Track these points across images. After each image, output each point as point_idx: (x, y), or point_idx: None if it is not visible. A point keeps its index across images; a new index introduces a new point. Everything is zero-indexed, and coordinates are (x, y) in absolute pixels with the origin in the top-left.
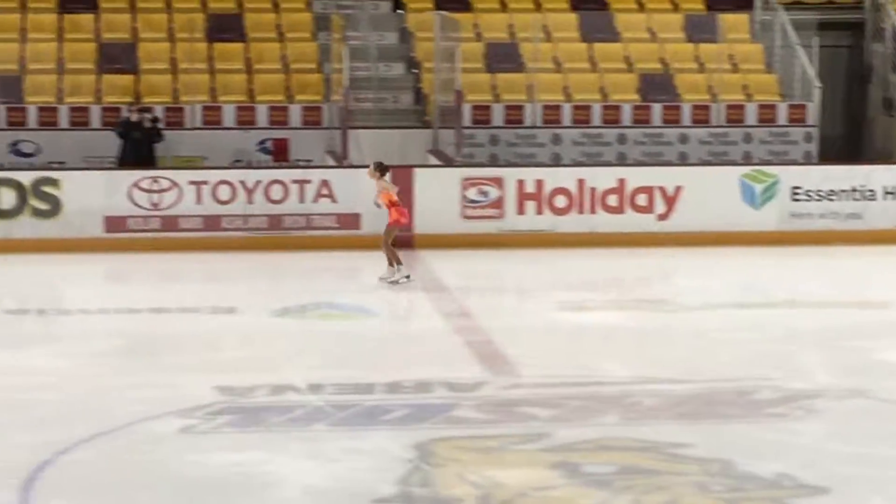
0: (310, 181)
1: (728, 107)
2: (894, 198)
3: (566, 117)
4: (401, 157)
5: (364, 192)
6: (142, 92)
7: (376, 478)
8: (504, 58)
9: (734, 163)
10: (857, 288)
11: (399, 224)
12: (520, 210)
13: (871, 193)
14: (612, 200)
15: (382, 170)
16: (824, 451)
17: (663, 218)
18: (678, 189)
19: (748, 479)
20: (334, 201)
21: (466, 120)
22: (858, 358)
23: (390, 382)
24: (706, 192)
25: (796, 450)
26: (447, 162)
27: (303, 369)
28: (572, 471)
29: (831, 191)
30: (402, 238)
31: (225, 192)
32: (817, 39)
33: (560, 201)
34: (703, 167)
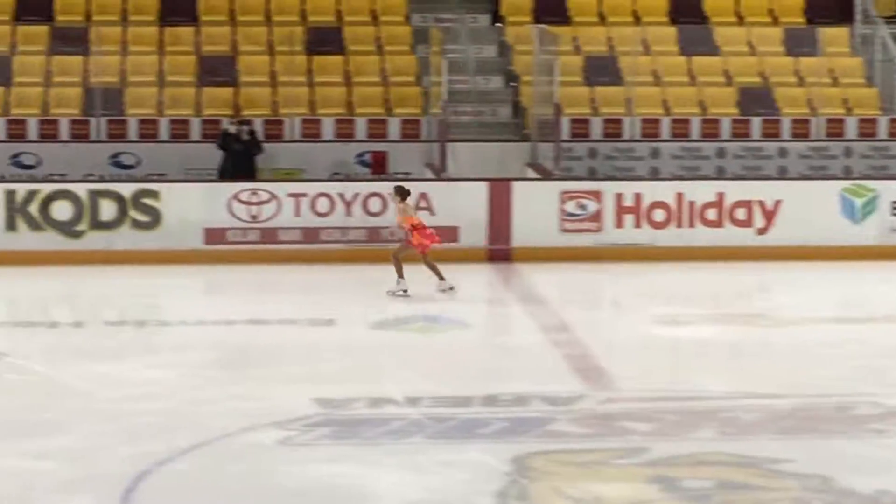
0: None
1: (828, 121)
2: None
3: (665, 131)
4: (499, 171)
5: (462, 205)
6: (241, 105)
7: (473, 491)
8: (603, 71)
9: (834, 177)
10: None
11: (422, 248)
12: (618, 224)
13: None
14: (711, 214)
15: (402, 194)
16: None
17: (762, 232)
18: (777, 203)
19: (847, 495)
20: (432, 214)
21: (565, 133)
22: None
23: (488, 396)
24: (806, 206)
25: None
26: (545, 175)
27: (400, 382)
28: (670, 485)
29: None
30: (500, 251)
31: (324, 205)
32: None
33: (658, 215)
34: (803, 181)
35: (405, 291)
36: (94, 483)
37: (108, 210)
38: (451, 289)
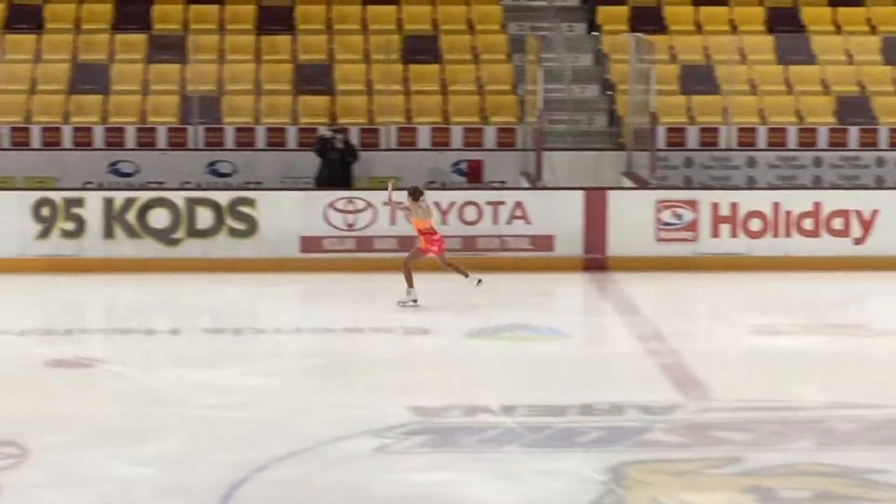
0: (504, 203)
1: None
2: None
3: (761, 140)
4: (595, 179)
5: (558, 214)
6: (337, 113)
7: (569, 500)
8: (699, 80)
9: None
10: None
11: (426, 254)
12: (714, 233)
13: None
14: (808, 224)
15: (415, 195)
16: None
17: (859, 242)
18: (875, 213)
19: None
20: (528, 223)
21: (661, 142)
22: None
23: (583, 405)
24: None
25: None
26: (641, 184)
27: (496, 391)
28: (766, 496)
29: None
30: (596, 261)
31: None
32: None
33: (755, 224)
34: None
35: (415, 301)
36: (190, 490)
37: (204, 218)
38: (480, 281)
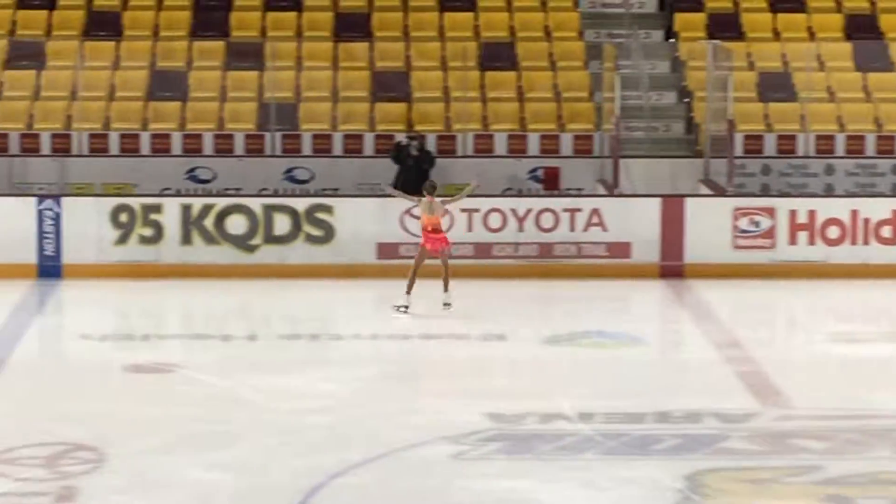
0: (580, 210)
1: None
2: None
3: (839, 147)
4: (672, 187)
5: (635, 221)
6: (414, 120)
7: None
8: (777, 87)
9: None
10: None
11: (433, 251)
12: (792, 240)
13: None
14: (886, 232)
15: (432, 190)
16: None
17: None
18: None
19: None
20: (605, 230)
21: (738, 149)
22: None
23: (660, 412)
24: None
25: None
26: (718, 191)
27: (572, 397)
28: None
29: None
30: (673, 268)
31: (496, 220)
32: None
33: (833, 232)
34: None
35: (406, 308)
36: (268, 494)
37: (281, 224)
38: (448, 305)
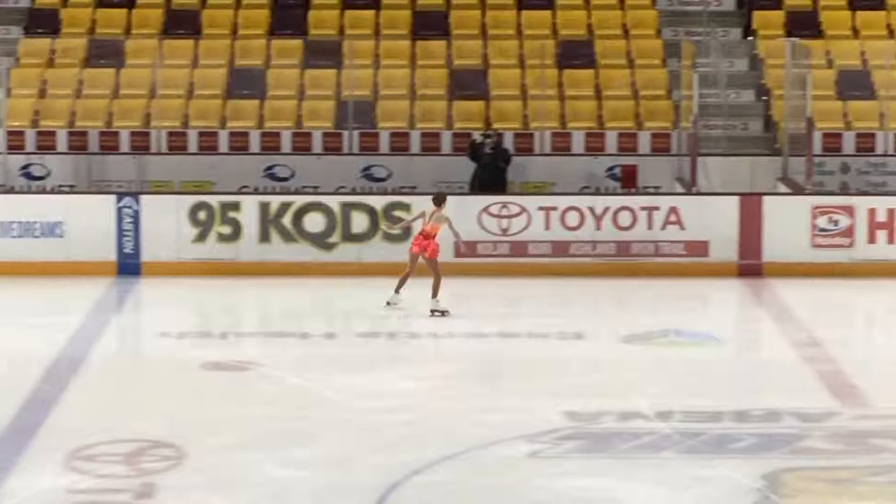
0: (658, 208)
1: None
2: None
3: None
4: (749, 185)
5: (713, 219)
6: (492, 118)
7: None
8: (855, 85)
9: None
10: None
11: (420, 254)
12: (871, 239)
13: None
14: None
15: (441, 200)
16: None
17: None
18: None
19: None
20: (682, 228)
21: (817, 147)
22: None
23: (738, 411)
24: None
25: None
26: (797, 190)
27: (650, 396)
28: None
29: None
30: (751, 266)
31: (573, 218)
32: None
33: None
34: None
35: (387, 304)
36: (346, 492)
37: (359, 222)
38: (434, 313)
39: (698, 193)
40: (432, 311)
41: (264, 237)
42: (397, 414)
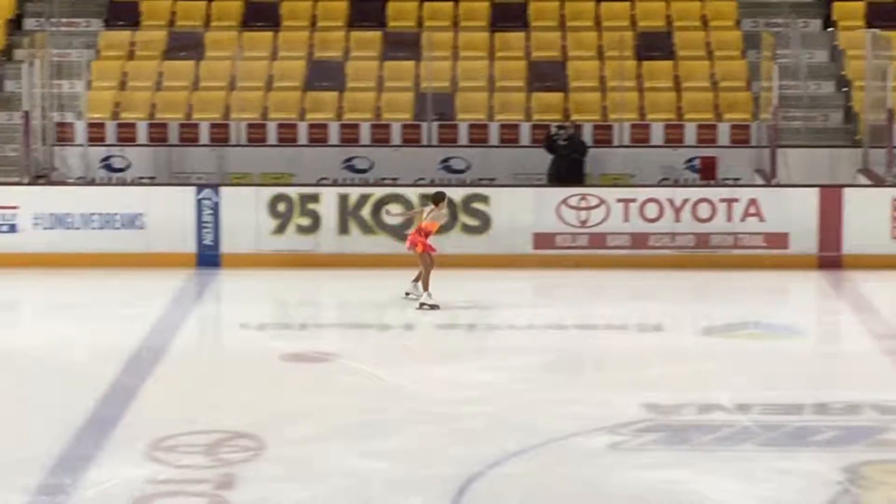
0: (737, 200)
1: None
2: None
3: None
4: (830, 177)
5: (793, 211)
6: (570, 110)
7: (805, 500)
8: None
9: None
10: None
11: (416, 248)
12: None
13: None
14: None
15: (439, 199)
16: None
17: None
18: None
19: None
20: (762, 220)
21: None
22: None
23: (818, 403)
24: None
25: None
26: (877, 182)
27: (730, 389)
28: None
29: None
30: (831, 258)
31: (652, 210)
32: None
33: None
34: None
35: (433, 306)
36: (425, 483)
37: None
38: (422, 305)
39: (778, 185)
40: (421, 304)
41: (343, 229)
42: (476, 405)
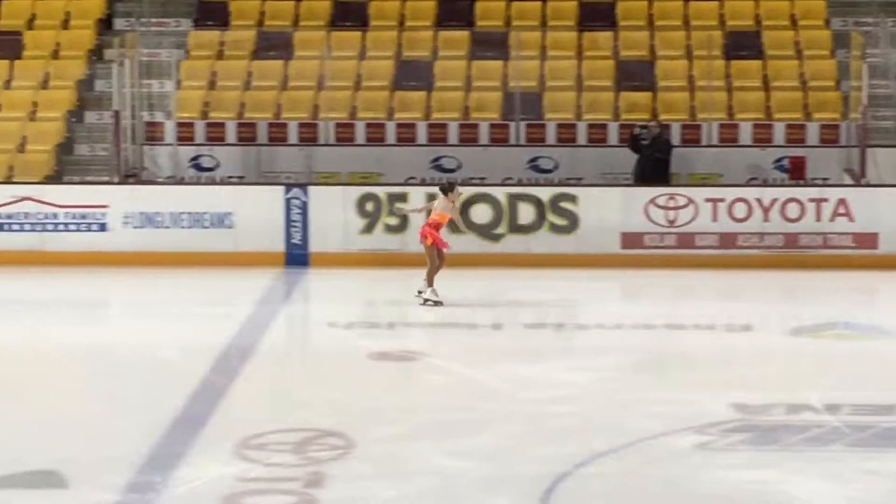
0: (826, 200)
1: None
2: None
3: None
4: None
5: (882, 211)
6: (658, 109)
7: (892, 500)
8: None
9: None
10: None
11: (428, 240)
12: None
13: None
14: None
15: (451, 188)
16: None
17: None
18: None
19: None
20: (851, 220)
21: None
22: None
23: None
24: None
25: None
26: None
27: (819, 389)
28: None
29: None
30: None
31: (741, 210)
32: None
33: None
34: None
35: (436, 301)
36: (512, 483)
37: (526, 214)
38: (425, 301)
39: (867, 185)
40: (425, 300)
41: None
42: (564, 405)
